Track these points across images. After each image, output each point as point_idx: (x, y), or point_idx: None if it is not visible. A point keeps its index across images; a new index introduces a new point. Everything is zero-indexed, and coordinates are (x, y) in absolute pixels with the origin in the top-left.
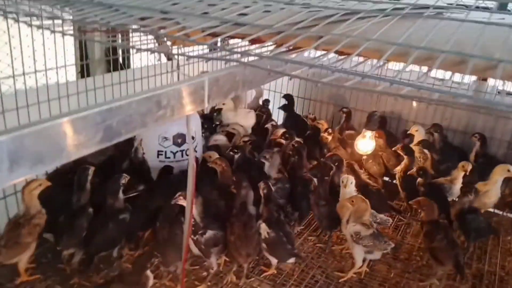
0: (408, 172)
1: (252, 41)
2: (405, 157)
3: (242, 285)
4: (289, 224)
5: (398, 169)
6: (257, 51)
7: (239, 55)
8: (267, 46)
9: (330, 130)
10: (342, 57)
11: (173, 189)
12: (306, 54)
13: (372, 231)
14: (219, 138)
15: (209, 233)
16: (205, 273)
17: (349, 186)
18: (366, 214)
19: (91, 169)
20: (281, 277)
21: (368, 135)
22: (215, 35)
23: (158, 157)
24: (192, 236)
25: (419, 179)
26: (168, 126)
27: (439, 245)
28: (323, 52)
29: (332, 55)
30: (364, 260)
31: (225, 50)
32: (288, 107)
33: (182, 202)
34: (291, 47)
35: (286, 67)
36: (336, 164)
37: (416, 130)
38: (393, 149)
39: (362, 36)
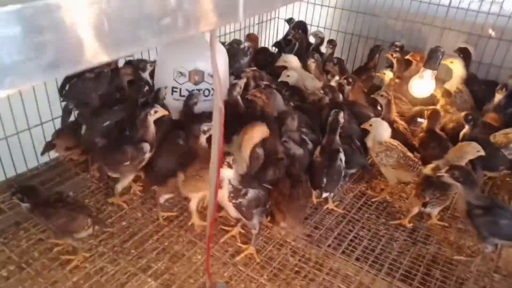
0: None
1: None
2: (467, 126)
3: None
4: None
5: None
6: None
7: None
8: None
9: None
10: None
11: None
12: None
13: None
14: (288, 59)
15: (251, 192)
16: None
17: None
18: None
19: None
20: (318, 232)
21: (427, 75)
22: None
23: (172, 94)
24: (234, 201)
25: (466, 128)
26: (184, 59)
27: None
28: None
29: None
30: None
31: None
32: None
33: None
34: None
35: None
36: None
37: (451, 62)
38: (462, 115)
39: None
